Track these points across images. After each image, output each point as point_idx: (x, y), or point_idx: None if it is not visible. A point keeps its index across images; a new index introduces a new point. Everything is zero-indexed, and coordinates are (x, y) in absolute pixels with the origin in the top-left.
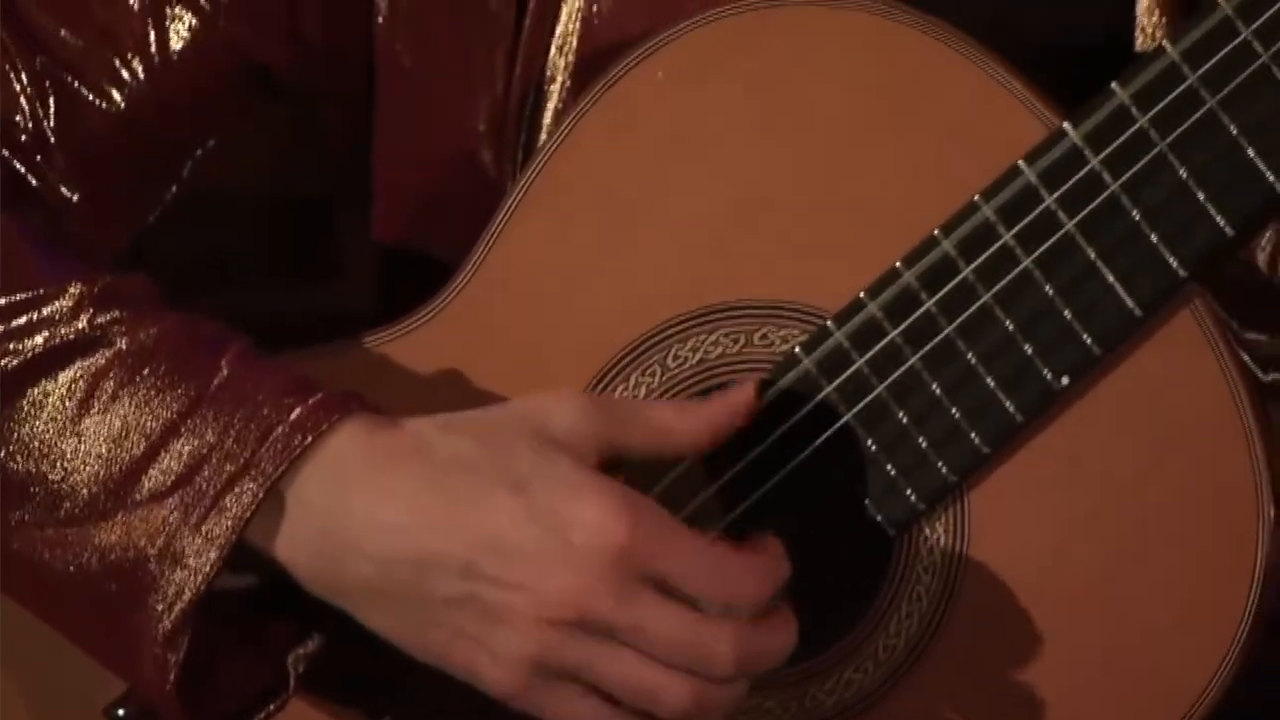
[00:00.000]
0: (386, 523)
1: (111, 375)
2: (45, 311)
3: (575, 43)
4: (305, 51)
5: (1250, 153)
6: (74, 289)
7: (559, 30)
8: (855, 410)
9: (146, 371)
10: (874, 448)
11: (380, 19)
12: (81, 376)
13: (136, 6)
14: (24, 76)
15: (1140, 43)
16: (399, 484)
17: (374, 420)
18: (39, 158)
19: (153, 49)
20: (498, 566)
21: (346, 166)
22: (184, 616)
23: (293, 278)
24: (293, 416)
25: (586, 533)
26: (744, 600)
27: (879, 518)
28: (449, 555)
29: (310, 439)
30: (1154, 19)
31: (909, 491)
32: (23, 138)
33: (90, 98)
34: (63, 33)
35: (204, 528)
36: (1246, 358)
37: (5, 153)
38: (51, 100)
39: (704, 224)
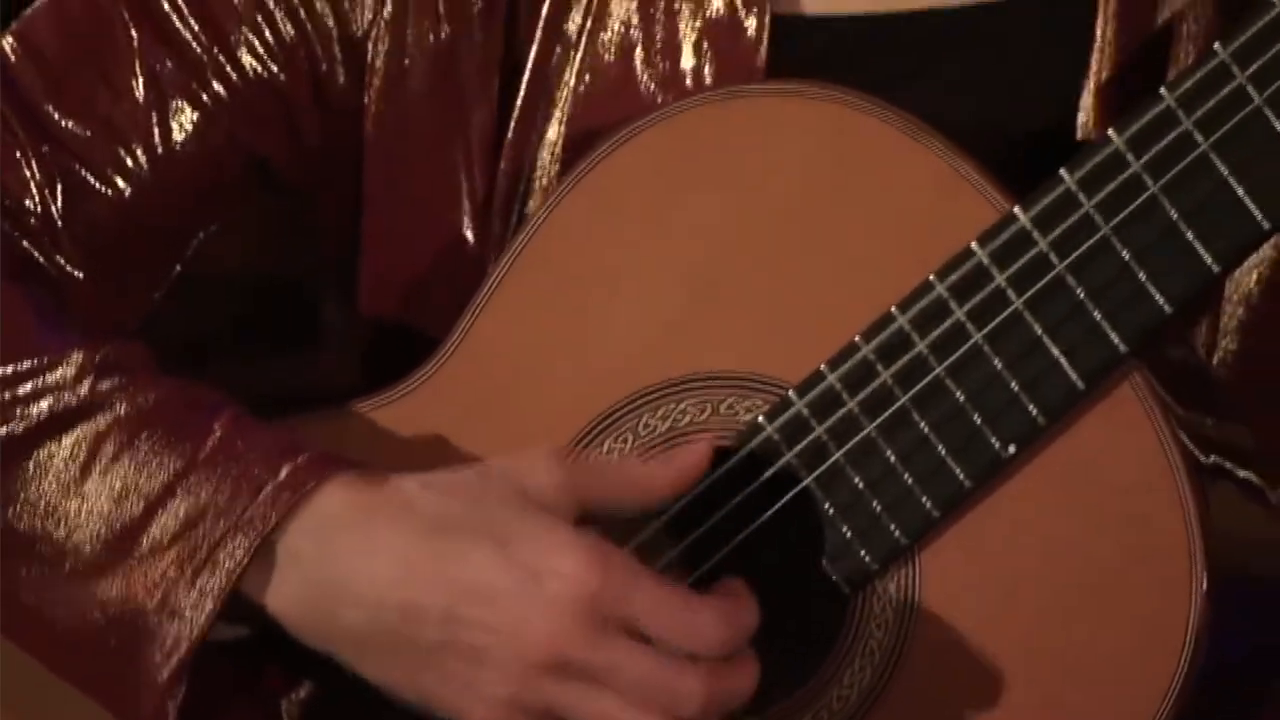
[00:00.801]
0: (373, 574)
1: (112, 438)
2: (49, 378)
3: (560, 140)
4: (302, 148)
5: (1189, 235)
6: (76, 356)
7: (542, 131)
8: (814, 475)
9: (145, 435)
10: (831, 511)
11: (370, 122)
12: (84, 440)
13: (142, 100)
14: (33, 163)
15: (1082, 132)
16: (384, 538)
17: (359, 478)
18: (47, 240)
19: (156, 141)
20: (480, 614)
21: (336, 251)
22: (181, 666)
23: (280, 351)
24: (282, 475)
25: (561, 581)
26: (709, 643)
27: (835, 576)
28: (434, 604)
29: (298, 496)
30: (1094, 111)
31: (863, 552)
32: (32, 221)
33: (96, 185)
34: (70, 123)
35: (199, 582)
36: (1183, 434)
37: (16, 234)
38: (59, 187)
39: (674, 300)
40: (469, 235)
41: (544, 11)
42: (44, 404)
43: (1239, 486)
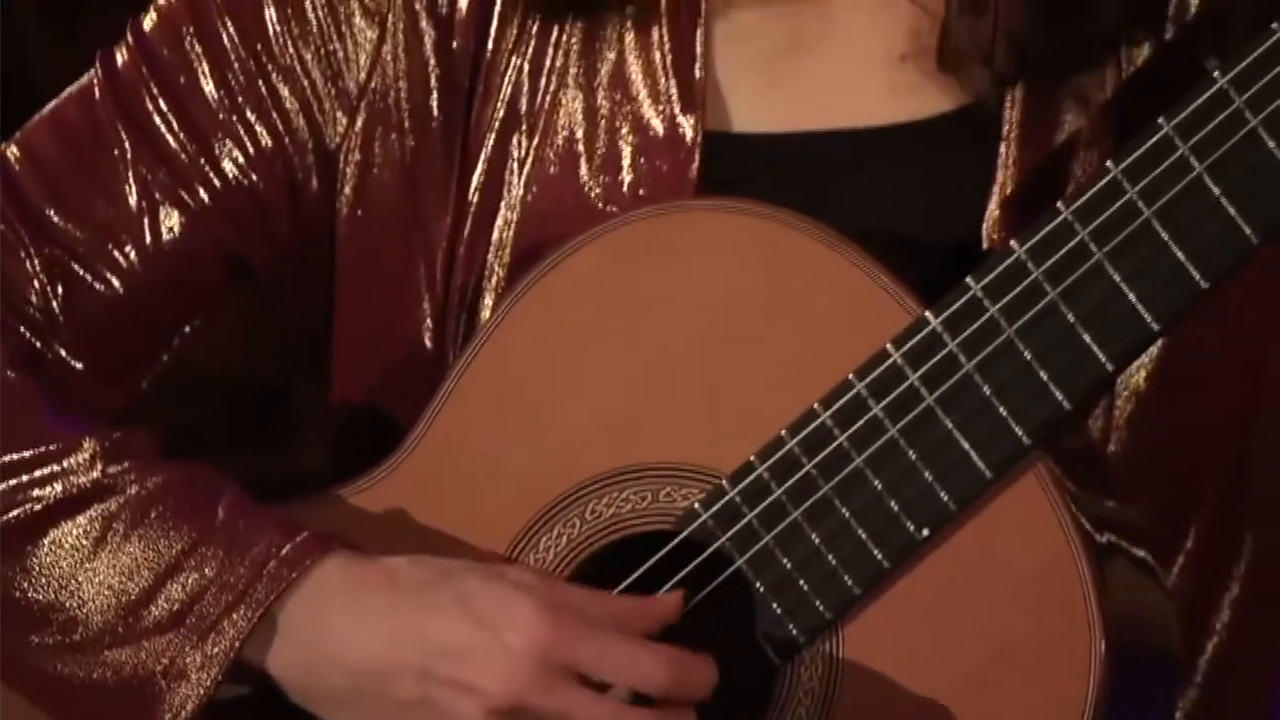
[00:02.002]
0: (357, 638)
1: (123, 518)
2: (64, 464)
3: (510, 247)
4: (278, 248)
5: (1085, 337)
6: (88, 444)
7: (494, 239)
8: (746, 556)
9: (154, 515)
10: (762, 589)
11: (341, 226)
12: (97, 519)
13: (133, 204)
14: (35, 262)
15: (987, 242)
16: (369, 607)
17: (351, 555)
18: (48, 331)
19: (147, 241)
20: (448, 669)
21: (309, 345)
22: None
23: (261, 439)
24: (283, 552)
25: (517, 634)
26: (656, 682)
27: (767, 648)
28: (408, 662)
29: (297, 572)
30: (999, 222)
31: (791, 626)
32: (35, 314)
33: (92, 281)
34: (68, 225)
35: (205, 647)
36: (1081, 516)
37: (21, 328)
38: (59, 284)
39: (618, 397)
40: (428, 333)
41: (496, 127)
42: (58, 486)
43: (1133, 563)
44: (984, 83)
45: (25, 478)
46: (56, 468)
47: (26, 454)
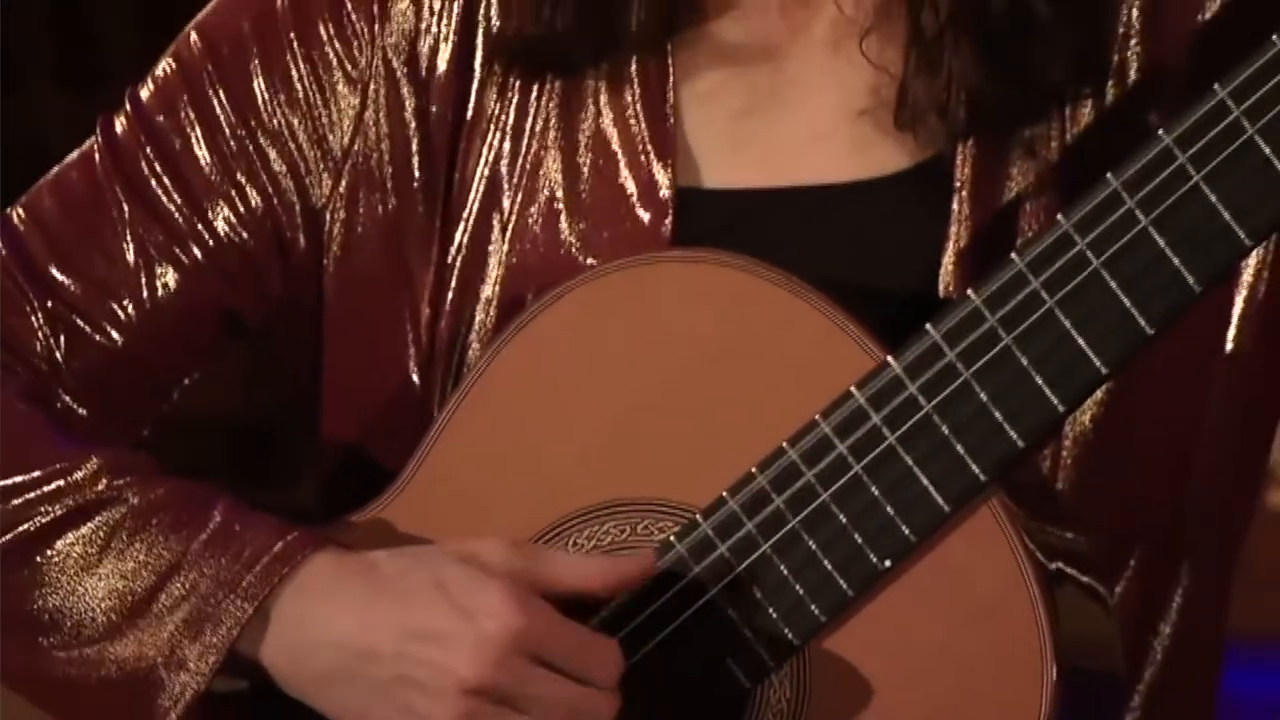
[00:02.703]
0: (340, 624)
1: (126, 526)
2: (71, 479)
3: (496, 300)
4: (268, 302)
5: (1038, 380)
6: (93, 461)
7: (481, 293)
8: (719, 586)
9: (155, 522)
10: (734, 616)
11: (328, 280)
12: (102, 528)
13: (131, 263)
14: (40, 316)
15: (944, 292)
16: (351, 594)
17: (338, 551)
18: (54, 382)
19: (144, 297)
20: (424, 650)
21: (299, 392)
22: (187, 710)
23: (259, 483)
24: (275, 550)
25: (491, 619)
26: (609, 675)
27: (738, 671)
28: (387, 644)
29: (289, 568)
30: (955, 273)
31: (761, 651)
32: (40, 364)
33: (94, 335)
34: (71, 283)
35: (203, 639)
36: (1033, 546)
37: (29, 376)
38: (62, 337)
39: (598, 437)
40: (415, 379)
41: (480, 188)
42: (67, 500)
43: (1081, 590)
44: (939, 137)
45: (35, 493)
46: (63, 483)
47: (36, 473)
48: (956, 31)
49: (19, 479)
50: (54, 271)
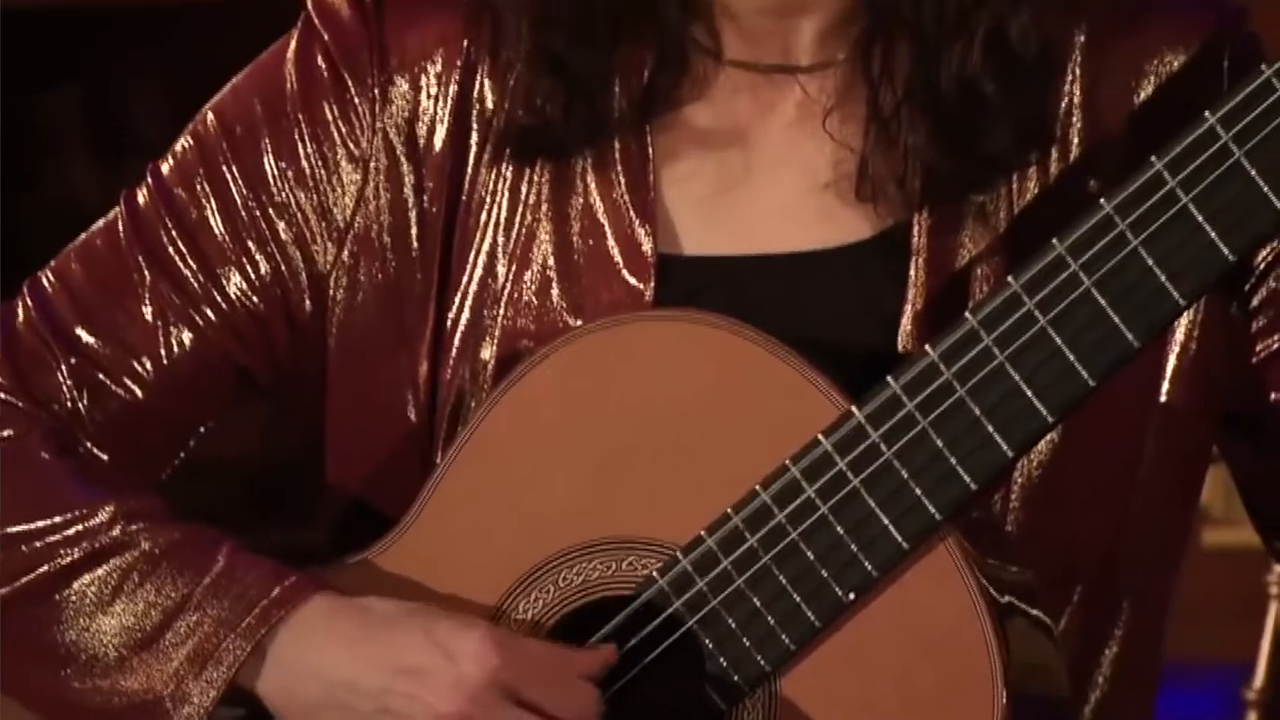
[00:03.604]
0: (331, 657)
1: (137, 569)
2: (88, 524)
3: (493, 360)
4: (276, 360)
5: (989, 428)
6: (109, 508)
7: (479, 354)
8: (697, 618)
9: (164, 565)
10: (710, 645)
11: (333, 341)
12: (115, 570)
13: (150, 323)
14: (65, 371)
15: (903, 348)
16: (343, 633)
17: (332, 595)
18: (77, 431)
19: (162, 354)
20: (405, 685)
21: (308, 440)
22: None
23: (272, 525)
24: (274, 594)
25: (470, 659)
26: (586, 713)
27: (714, 695)
28: (370, 679)
29: (285, 610)
30: (913, 332)
31: (735, 677)
32: (66, 416)
33: (115, 389)
34: (94, 341)
35: (204, 674)
36: (985, 581)
37: (53, 426)
38: (85, 390)
39: (585, 482)
40: (416, 431)
41: (478, 260)
42: (84, 544)
43: (1030, 621)
44: (897, 207)
45: (56, 537)
46: (82, 528)
47: (58, 518)
48: (912, 109)
49: (42, 523)
50: (79, 330)
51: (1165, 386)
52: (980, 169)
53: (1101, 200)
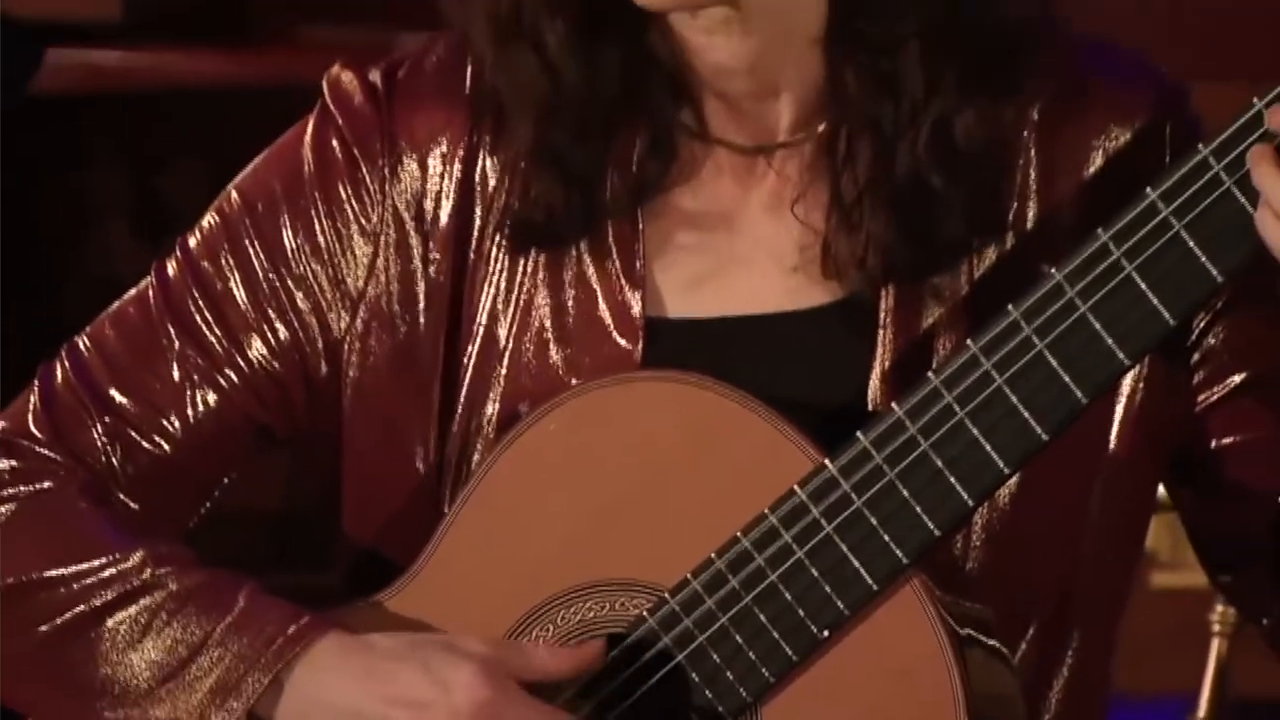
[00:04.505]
0: (339, 688)
1: (165, 608)
2: (120, 568)
3: (496, 416)
4: (295, 418)
5: (951, 479)
6: (139, 553)
7: (484, 410)
8: (685, 653)
9: (190, 606)
10: (697, 679)
11: (347, 400)
12: (145, 609)
13: (178, 384)
14: (100, 429)
15: (872, 405)
16: (349, 668)
17: (342, 634)
18: (111, 483)
19: (188, 413)
20: (403, 714)
21: (327, 492)
22: None
23: (288, 566)
24: (289, 632)
25: (462, 691)
26: None
27: None
28: (372, 708)
29: (299, 647)
30: (881, 390)
31: (721, 708)
32: (101, 469)
33: (144, 445)
34: (126, 401)
35: (226, 704)
36: (947, 616)
37: (89, 477)
38: (119, 446)
39: (581, 529)
40: (428, 483)
41: (482, 322)
42: (117, 586)
43: (988, 652)
44: (861, 283)
45: (92, 580)
46: (115, 571)
47: (94, 562)
48: (873, 199)
49: (79, 566)
50: (112, 391)
51: (1113, 438)
52: (937, 255)
53: (1053, 270)
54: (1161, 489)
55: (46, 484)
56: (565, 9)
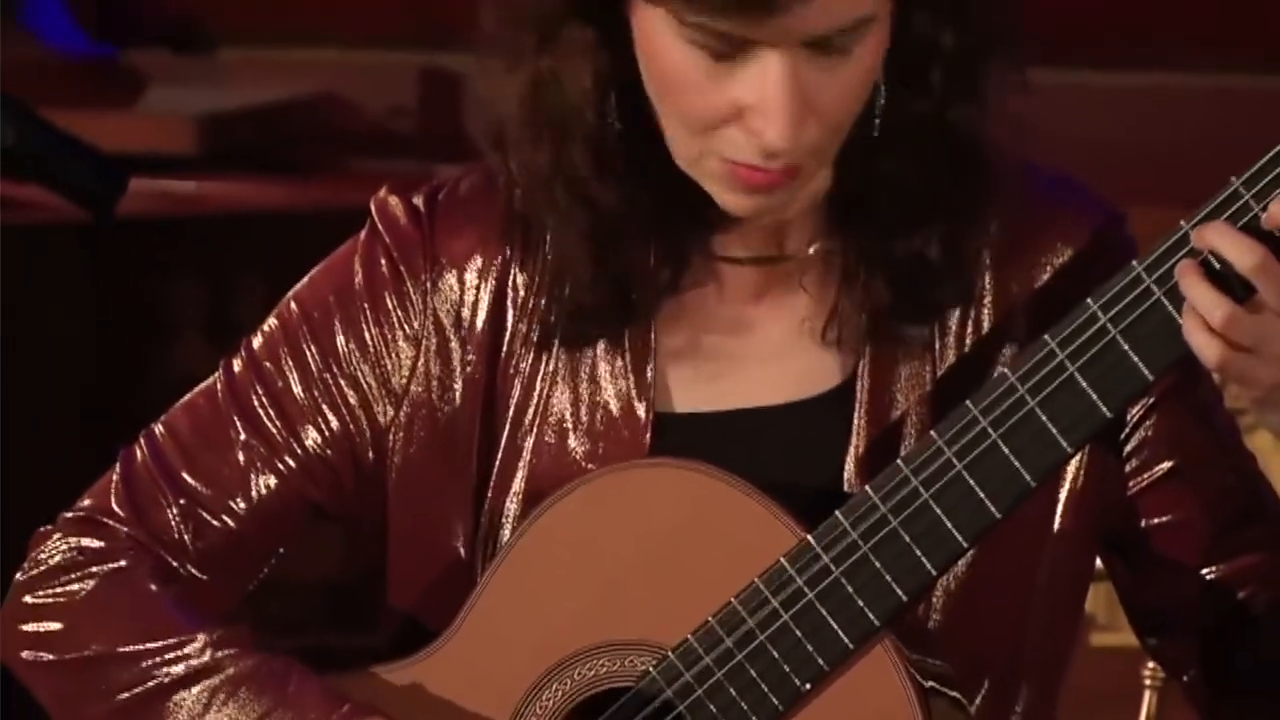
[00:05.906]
0: None
1: (224, 689)
2: (184, 650)
3: (522, 495)
4: (344, 498)
5: (918, 553)
6: (202, 637)
7: (513, 490)
8: (686, 703)
9: (244, 689)
10: None
11: (391, 484)
12: (205, 690)
13: (243, 469)
14: (173, 509)
15: (848, 487)
16: None
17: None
18: (181, 556)
19: (252, 495)
20: None
21: (373, 562)
22: None
23: (340, 629)
24: (330, 719)
25: None
26: None
27: None
28: None
29: None
30: (855, 473)
31: None
32: (173, 545)
33: (213, 523)
34: (197, 484)
35: None
36: (913, 670)
37: (162, 553)
38: (190, 524)
39: (594, 596)
40: (463, 555)
41: (510, 413)
42: (180, 666)
43: (949, 702)
44: (850, 354)
45: (159, 659)
46: (179, 653)
47: (160, 643)
48: (870, 278)
49: (148, 645)
50: (185, 474)
51: (1058, 516)
52: (911, 334)
53: (1006, 370)
54: (1099, 561)
55: (121, 562)
56: (611, 169)
